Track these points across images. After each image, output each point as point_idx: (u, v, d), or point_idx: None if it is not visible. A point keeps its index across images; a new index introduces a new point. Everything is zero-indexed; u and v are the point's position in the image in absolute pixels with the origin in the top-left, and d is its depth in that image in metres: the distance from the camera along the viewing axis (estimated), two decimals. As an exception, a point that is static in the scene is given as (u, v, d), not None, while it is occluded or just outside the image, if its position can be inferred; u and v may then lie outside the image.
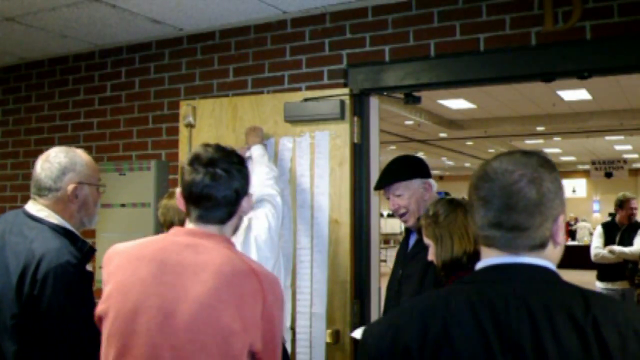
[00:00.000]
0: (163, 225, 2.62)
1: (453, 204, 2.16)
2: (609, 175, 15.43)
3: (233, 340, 1.47)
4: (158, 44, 3.82)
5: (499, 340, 1.10)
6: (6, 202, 4.31)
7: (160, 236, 1.69)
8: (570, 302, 1.13)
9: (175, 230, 1.68)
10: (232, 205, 1.66)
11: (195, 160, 1.64)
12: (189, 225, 1.67)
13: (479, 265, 1.23)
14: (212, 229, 1.65)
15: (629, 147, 16.83)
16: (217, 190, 1.62)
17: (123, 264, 1.61)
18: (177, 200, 1.70)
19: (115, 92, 3.98)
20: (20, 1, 3.14)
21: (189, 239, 1.61)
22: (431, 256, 2.16)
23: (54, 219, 2.06)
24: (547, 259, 1.20)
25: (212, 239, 1.62)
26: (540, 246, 1.19)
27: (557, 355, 1.07)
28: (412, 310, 1.18)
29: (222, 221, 1.66)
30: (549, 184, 1.19)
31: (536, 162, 1.20)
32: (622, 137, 14.56)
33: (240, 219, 1.74)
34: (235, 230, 1.74)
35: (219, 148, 1.68)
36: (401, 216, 2.71)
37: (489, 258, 1.21)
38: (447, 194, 2.78)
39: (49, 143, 4.21)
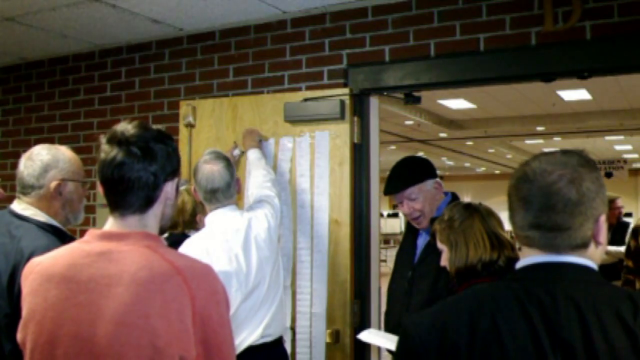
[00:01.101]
0: None
1: (470, 210, 2.12)
2: (609, 175, 15.42)
3: (159, 358, 1.30)
4: (158, 44, 3.82)
5: (549, 338, 1.09)
6: (6, 202, 4.30)
7: (73, 246, 1.47)
8: (618, 303, 1.13)
9: (88, 235, 1.46)
10: (151, 190, 1.43)
11: (110, 138, 1.43)
12: (107, 222, 1.47)
13: (521, 263, 1.22)
14: (131, 221, 1.43)
15: (629, 147, 16.82)
16: (131, 170, 1.40)
17: (34, 287, 1.43)
18: (98, 187, 1.48)
19: (115, 92, 3.98)
20: (20, 1, 3.14)
21: (102, 245, 1.40)
22: (444, 262, 2.12)
23: (40, 216, 2.06)
24: (590, 258, 1.20)
25: (129, 239, 1.41)
26: (583, 246, 1.19)
27: (608, 356, 1.07)
28: (459, 306, 1.17)
29: (141, 209, 1.44)
30: (589, 183, 1.18)
31: (576, 161, 1.20)
32: (622, 137, 14.55)
33: (171, 208, 1.52)
34: (167, 220, 1.53)
35: (139, 124, 1.45)
36: (415, 219, 2.67)
37: (531, 257, 1.21)
38: (454, 194, 2.77)
39: (49, 143, 4.20)
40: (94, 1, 3.14)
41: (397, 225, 21.22)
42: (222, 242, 2.46)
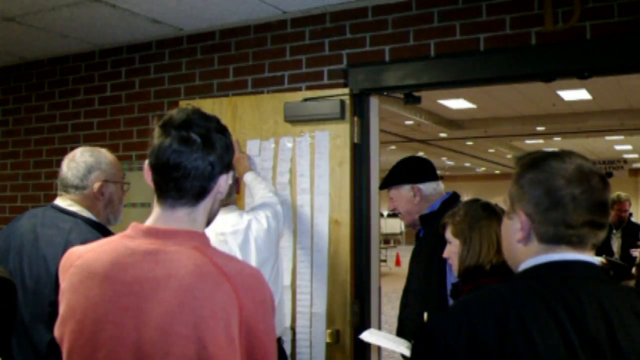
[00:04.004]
0: None
1: (488, 210, 2.10)
2: (609, 175, 15.41)
3: None
4: (158, 44, 3.82)
5: (578, 336, 1.09)
6: (6, 202, 4.31)
7: (114, 241, 1.38)
8: (632, 301, 1.16)
9: (132, 229, 1.37)
10: (206, 180, 1.35)
11: (167, 122, 1.35)
12: (153, 211, 1.39)
13: (534, 261, 1.21)
14: (180, 214, 1.36)
15: (629, 147, 16.82)
16: (188, 158, 1.32)
17: (74, 283, 1.35)
18: (145, 173, 1.41)
19: (115, 92, 3.98)
20: (20, 1, 3.14)
21: (148, 244, 1.32)
22: (449, 254, 2.11)
23: (85, 213, 2.14)
24: None
25: (176, 238, 1.33)
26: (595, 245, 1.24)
27: (632, 353, 1.09)
28: (483, 307, 1.15)
29: (193, 200, 1.36)
30: None
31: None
32: (622, 137, 14.56)
33: (218, 204, 1.44)
34: (213, 217, 1.45)
35: (197, 110, 1.38)
36: (398, 215, 2.90)
37: (550, 254, 1.21)
38: (454, 193, 2.78)
39: (49, 143, 4.21)
40: (94, 1, 3.14)
41: (397, 225, 21.23)
42: (220, 242, 2.46)
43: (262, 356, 1.31)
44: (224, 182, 1.40)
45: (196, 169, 1.33)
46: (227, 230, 2.50)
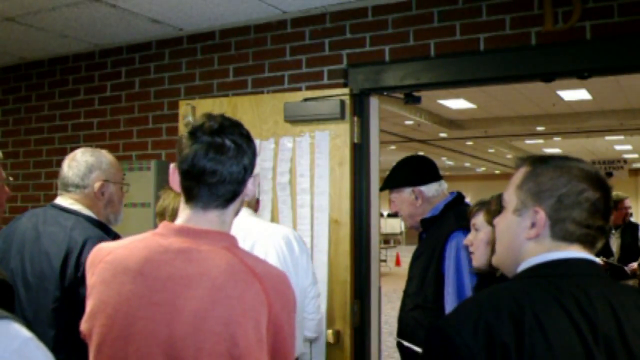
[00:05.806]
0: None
1: None
2: (609, 175, 15.40)
3: None
4: (158, 44, 3.82)
5: (591, 333, 1.10)
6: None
7: (146, 239, 1.41)
8: (635, 297, 1.18)
9: (163, 227, 1.41)
10: (238, 184, 1.40)
11: (198, 129, 1.38)
12: (183, 212, 1.42)
13: (545, 258, 1.21)
14: (211, 216, 1.40)
15: (629, 147, 16.82)
16: (224, 164, 1.36)
17: (106, 278, 1.38)
18: (171, 177, 1.44)
19: (115, 92, 3.98)
20: (20, 1, 3.14)
21: (180, 242, 1.35)
22: (472, 241, 2.08)
23: (87, 212, 2.17)
24: None
25: (208, 238, 1.37)
26: None
27: (639, 350, 1.11)
28: (496, 306, 1.14)
29: (224, 203, 1.40)
30: None
31: None
32: (622, 137, 14.56)
33: (242, 204, 1.49)
34: (236, 214, 1.48)
35: (225, 117, 1.42)
36: (400, 217, 2.86)
37: (561, 251, 1.21)
38: (459, 194, 2.77)
39: (49, 143, 4.21)
40: (94, 1, 3.14)
41: (397, 225, 21.22)
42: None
43: (284, 355, 1.35)
44: (250, 184, 1.45)
45: (231, 174, 1.38)
46: (237, 234, 2.39)
